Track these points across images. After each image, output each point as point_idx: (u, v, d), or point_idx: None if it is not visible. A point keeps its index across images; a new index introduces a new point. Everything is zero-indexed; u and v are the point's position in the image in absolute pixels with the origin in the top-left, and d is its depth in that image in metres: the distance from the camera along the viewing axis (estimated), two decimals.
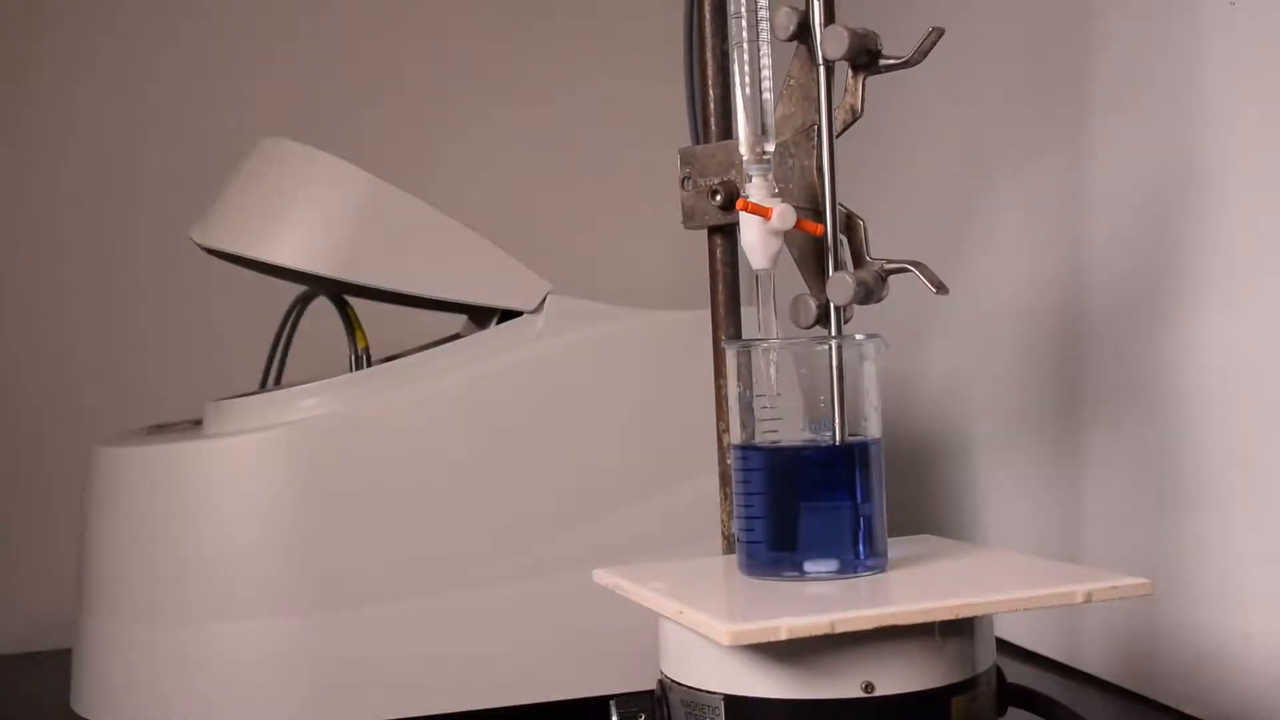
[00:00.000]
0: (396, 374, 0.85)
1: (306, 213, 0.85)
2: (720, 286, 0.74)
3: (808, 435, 0.65)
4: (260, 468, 0.81)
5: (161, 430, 0.92)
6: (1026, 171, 0.97)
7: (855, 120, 0.67)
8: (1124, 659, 0.87)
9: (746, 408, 0.65)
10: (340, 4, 1.28)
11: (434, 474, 0.82)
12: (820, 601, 0.60)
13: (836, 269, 0.66)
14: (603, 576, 0.67)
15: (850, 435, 0.64)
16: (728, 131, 0.73)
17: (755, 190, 0.66)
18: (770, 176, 0.66)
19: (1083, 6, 0.89)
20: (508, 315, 0.87)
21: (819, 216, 0.67)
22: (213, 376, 0.98)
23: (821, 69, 0.66)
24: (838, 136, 0.67)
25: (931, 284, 0.65)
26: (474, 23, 1.32)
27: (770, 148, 0.66)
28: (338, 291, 0.88)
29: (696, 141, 0.75)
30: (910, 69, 0.66)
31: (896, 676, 0.58)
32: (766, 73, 0.66)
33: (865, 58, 0.66)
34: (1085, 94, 0.89)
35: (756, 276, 0.66)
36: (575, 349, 0.86)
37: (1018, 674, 0.67)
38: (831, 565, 0.63)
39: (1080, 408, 0.91)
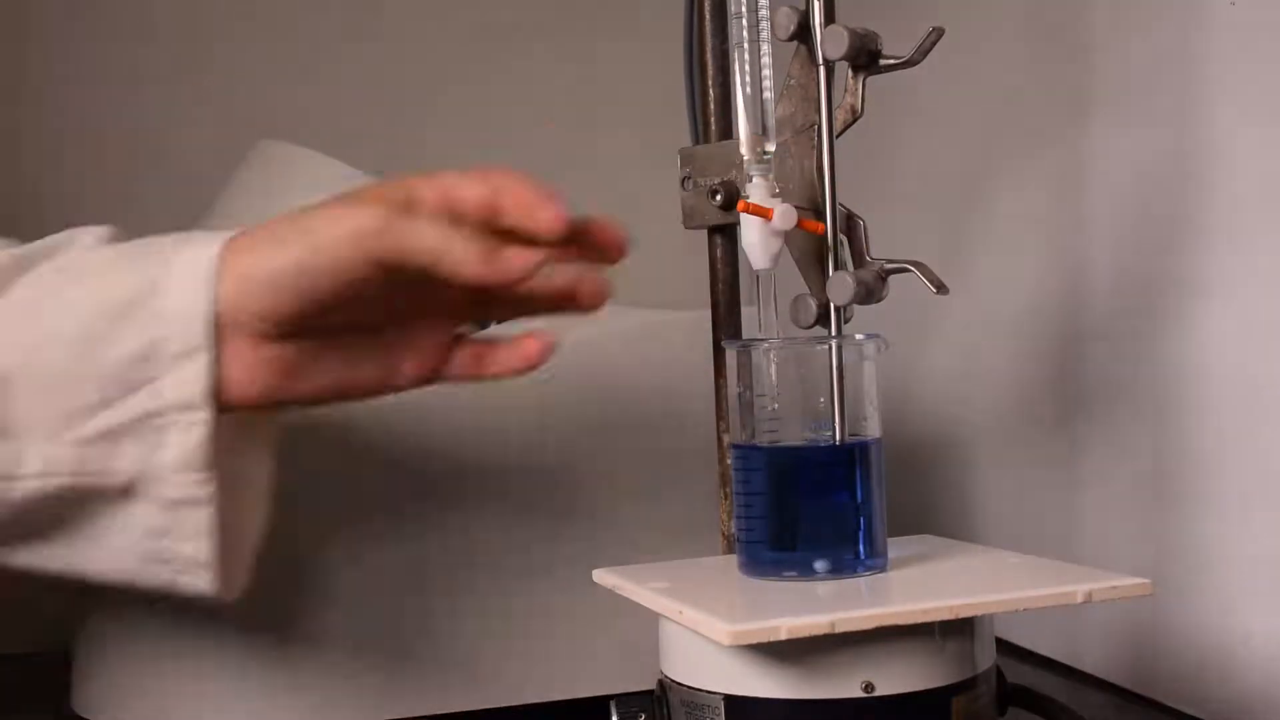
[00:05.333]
0: None
1: None
2: (720, 286, 0.74)
3: (808, 435, 0.65)
4: None
5: None
6: (1027, 171, 0.97)
7: (855, 120, 0.67)
8: (1124, 659, 0.87)
9: (746, 408, 0.65)
10: (338, 5, 1.28)
11: (434, 474, 0.82)
12: (820, 601, 0.60)
13: (836, 269, 0.66)
14: (603, 576, 0.67)
15: (850, 435, 0.64)
16: (728, 131, 0.73)
17: (756, 190, 0.66)
18: (771, 176, 0.66)
19: (1083, 6, 0.89)
20: None
21: (819, 216, 0.67)
22: None
23: (821, 69, 0.66)
24: (838, 136, 0.67)
25: (931, 284, 0.65)
26: (472, 22, 1.32)
27: (771, 148, 0.66)
28: None
29: (696, 141, 0.75)
30: (910, 69, 0.66)
31: (896, 676, 0.58)
32: (767, 72, 0.66)
33: (865, 58, 0.66)
34: (1085, 94, 0.89)
35: (757, 276, 0.66)
36: (575, 349, 0.86)
37: (1018, 674, 0.67)
38: (831, 565, 0.63)
39: (1080, 408, 0.91)
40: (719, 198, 0.69)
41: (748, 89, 0.66)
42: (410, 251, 0.57)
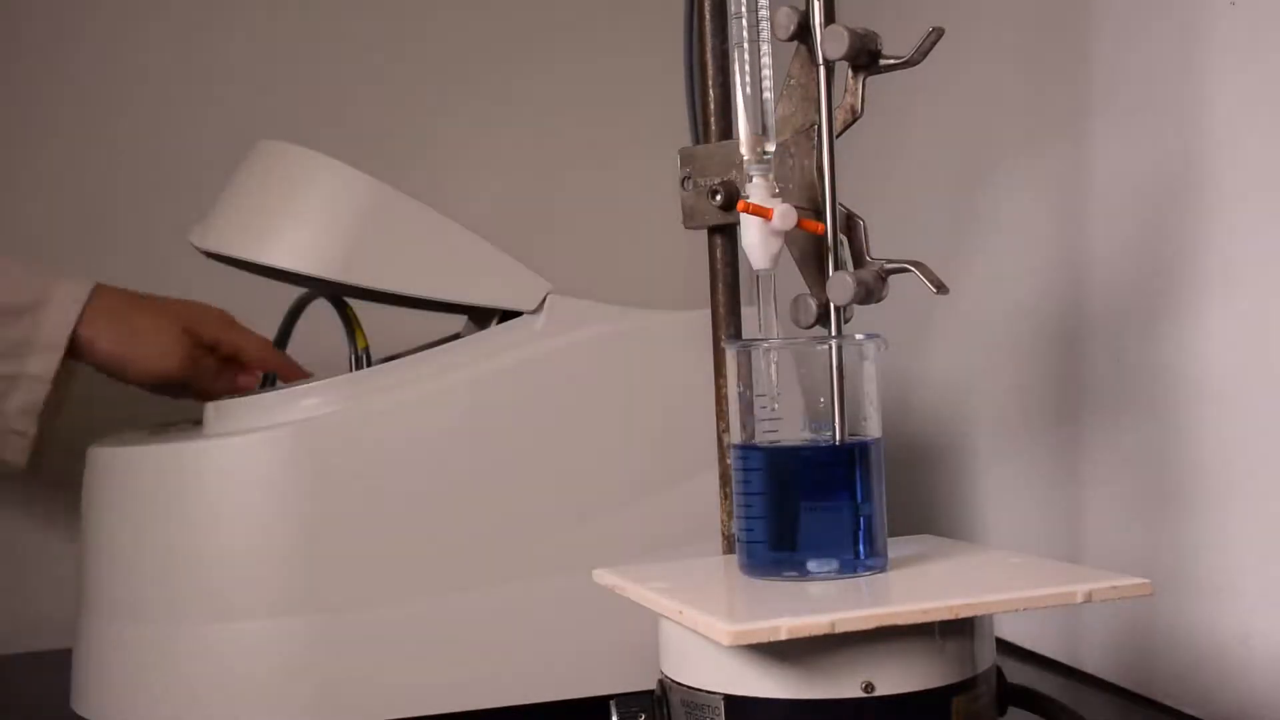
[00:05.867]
0: (396, 374, 0.85)
1: (305, 215, 0.85)
2: (720, 286, 0.74)
3: (808, 435, 0.65)
4: (260, 468, 0.81)
5: (161, 430, 0.92)
6: (1026, 171, 0.97)
7: (855, 120, 0.67)
8: (1124, 659, 0.87)
9: (746, 408, 0.65)
10: (339, 5, 1.28)
11: (434, 474, 0.82)
12: (820, 601, 0.60)
13: (836, 269, 0.66)
14: (603, 576, 0.67)
15: (850, 435, 0.64)
16: (728, 131, 0.73)
17: (756, 190, 0.66)
18: (770, 176, 0.66)
19: (1083, 6, 0.89)
20: (508, 315, 0.87)
21: (819, 216, 0.67)
22: None
23: (821, 69, 0.66)
24: (838, 136, 0.67)
25: (931, 284, 0.65)
26: (473, 23, 1.32)
27: (771, 148, 0.66)
28: (337, 293, 0.88)
29: (696, 141, 0.75)
30: (910, 69, 0.66)
31: (896, 676, 0.58)
32: (767, 73, 0.66)
33: (865, 58, 0.66)
34: (1085, 94, 0.89)
35: (757, 276, 0.66)
36: (575, 349, 0.86)
37: (1018, 674, 0.67)
38: (831, 565, 0.63)
39: (1080, 408, 0.91)
40: (719, 198, 0.69)
41: (748, 89, 0.66)
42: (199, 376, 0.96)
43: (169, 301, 0.96)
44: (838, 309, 0.67)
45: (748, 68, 0.66)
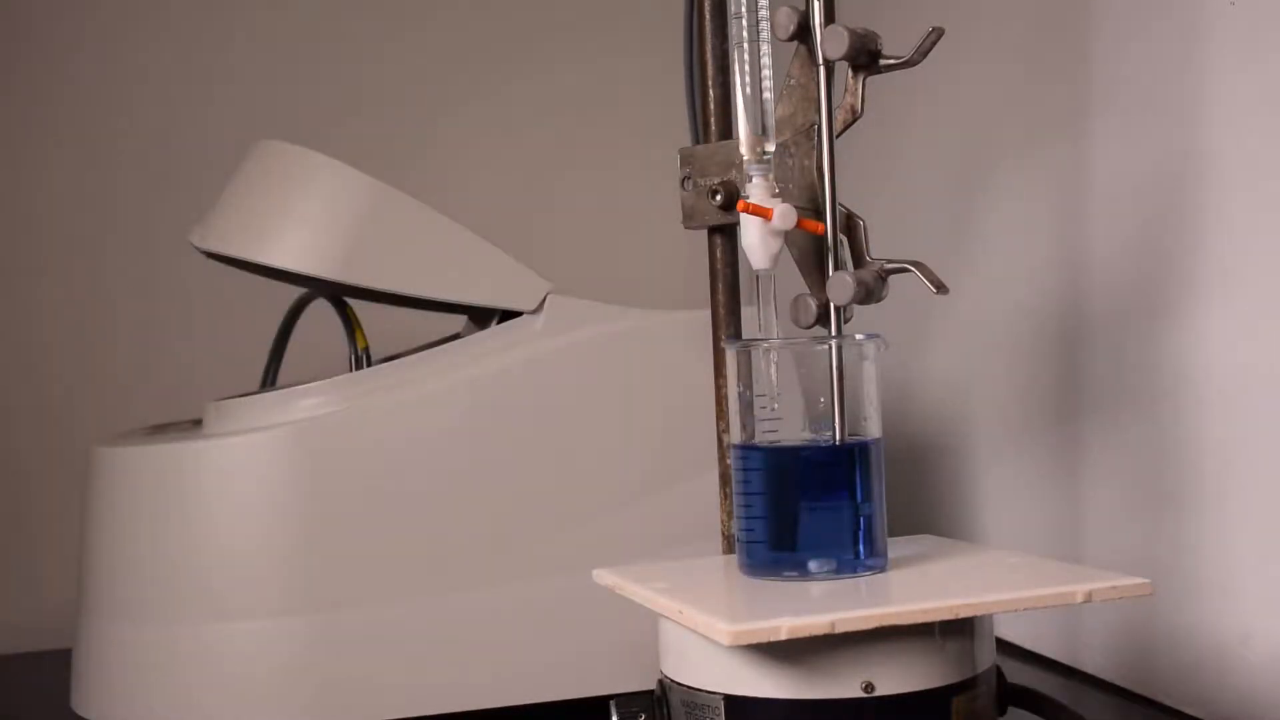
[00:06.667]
0: (396, 374, 0.85)
1: (305, 215, 0.85)
2: (720, 286, 0.74)
3: (808, 435, 0.65)
4: (260, 468, 0.81)
5: (161, 430, 0.92)
6: (1026, 171, 0.97)
7: (855, 120, 0.67)
8: (1124, 659, 0.87)
9: (746, 408, 0.65)
10: (339, 5, 1.28)
11: (434, 474, 0.82)
12: (820, 601, 0.60)
13: (836, 269, 0.66)
14: (603, 576, 0.67)
15: (850, 435, 0.64)
16: (728, 131, 0.73)
17: (755, 190, 0.66)
18: (770, 176, 0.66)
19: (1083, 6, 0.89)
20: (508, 315, 0.87)
21: (819, 216, 0.67)
22: (213, 376, 0.98)
23: (821, 69, 0.66)
24: (838, 136, 0.67)
25: (931, 284, 0.65)
26: (472, 23, 1.32)
27: (770, 148, 0.67)
28: (337, 293, 0.88)
29: (696, 141, 0.75)
30: (910, 69, 0.66)
31: (896, 676, 0.58)
32: (767, 73, 0.67)
33: (865, 58, 0.66)
34: (1085, 94, 0.89)
35: (757, 276, 0.66)
36: (575, 349, 0.86)
37: (1018, 674, 0.67)
38: (831, 565, 0.63)
39: (1080, 408, 0.91)
40: (719, 198, 0.69)
41: (748, 89, 0.66)
42: None
43: None
44: (838, 309, 0.67)
45: (748, 68, 0.66)
